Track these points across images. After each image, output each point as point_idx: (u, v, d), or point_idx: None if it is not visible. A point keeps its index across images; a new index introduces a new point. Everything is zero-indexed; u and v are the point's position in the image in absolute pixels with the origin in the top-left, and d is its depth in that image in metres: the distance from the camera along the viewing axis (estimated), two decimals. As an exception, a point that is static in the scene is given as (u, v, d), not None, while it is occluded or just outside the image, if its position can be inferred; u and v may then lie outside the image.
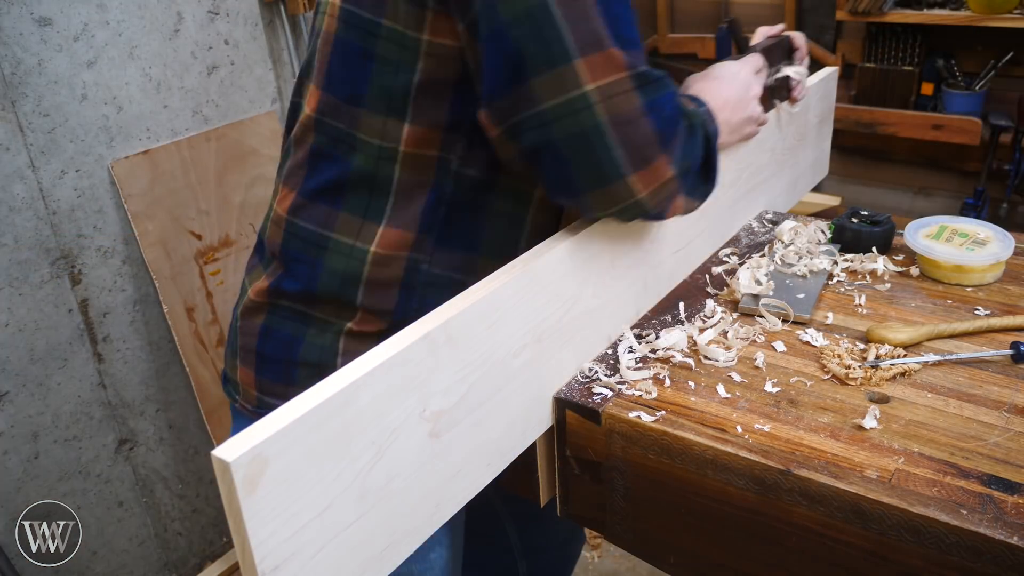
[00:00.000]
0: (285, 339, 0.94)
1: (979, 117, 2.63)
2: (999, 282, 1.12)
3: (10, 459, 1.71)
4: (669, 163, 0.81)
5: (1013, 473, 0.76)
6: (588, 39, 0.77)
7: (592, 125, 0.77)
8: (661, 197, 0.84)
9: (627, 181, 0.80)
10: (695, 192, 0.91)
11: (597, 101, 0.77)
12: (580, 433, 0.93)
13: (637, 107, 0.78)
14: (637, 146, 0.78)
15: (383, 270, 0.90)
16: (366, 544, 0.72)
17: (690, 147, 0.85)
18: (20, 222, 1.64)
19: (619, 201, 0.82)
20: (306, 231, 0.92)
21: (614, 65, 0.77)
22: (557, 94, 0.77)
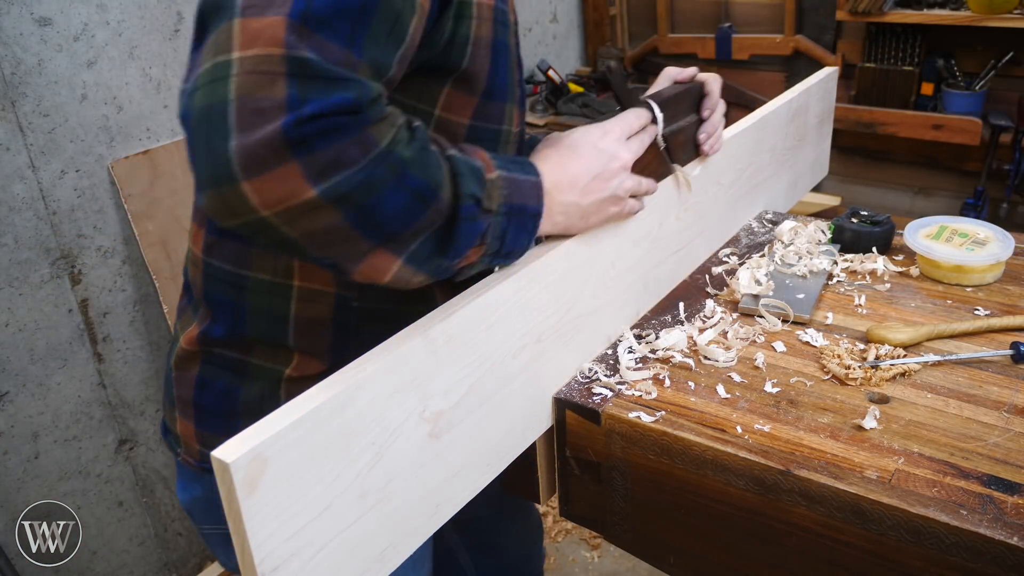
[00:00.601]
0: (222, 390, 0.87)
1: (979, 117, 2.63)
2: (999, 282, 1.12)
3: (10, 459, 1.71)
4: (304, 179, 0.60)
5: (1013, 473, 0.76)
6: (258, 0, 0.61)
7: (219, 100, 0.59)
8: (303, 227, 0.62)
9: (239, 188, 0.60)
10: (422, 261, 0.70)
11: (236, 73, 0.59)
12: (580, 433, 0.93)
13: (276, 97, 0.59)
14: (254, 143, 0.59)
15: (310, 307, 0.83)
16: (366, 544, 0.72)
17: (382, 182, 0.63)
18: (20, 222, 1.64)
19: (236, 212, 0.61)
20: (223, 272, 0.85)
21: (268, 36, 0.60)
22: (211, 56, 0.61)
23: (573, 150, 0.87)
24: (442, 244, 0.70)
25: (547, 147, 0.88)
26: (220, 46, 0.61)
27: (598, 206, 0.87)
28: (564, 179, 0.83)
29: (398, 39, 0.67)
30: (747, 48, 3.13)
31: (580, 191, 0.85)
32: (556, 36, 3.32)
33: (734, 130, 1.21)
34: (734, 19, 3.17)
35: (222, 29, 0.61)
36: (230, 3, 0.62)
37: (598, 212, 0.88)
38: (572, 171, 0.84)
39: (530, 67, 3.22)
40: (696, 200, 1.13)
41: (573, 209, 0.85)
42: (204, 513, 0.94)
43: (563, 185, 0.83)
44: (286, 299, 0.82)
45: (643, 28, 3.36)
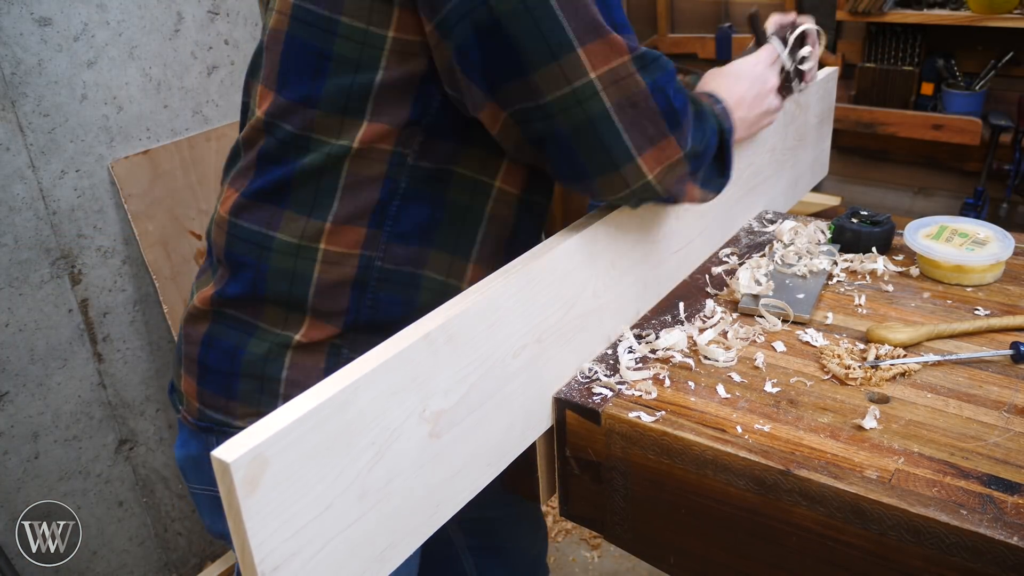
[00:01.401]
0: (227, 349, 0.90)
1: (979, 117, 2.63)
2: (999, 282, 1.12)
3: (10, 459, 1.71)
4: (676, 142, 0.81)
5: (1013, 473, 0.76)
6: (587, 27, 0.76)
7: (599, 112, 0.77)
8: (670, 179, 0.83)
9: (636, 163, 0.80)
10: (709, 183, 0.92)
11: (602, 88, 0.77)
12: (580, 433, 0.93)
13: (642, 89, 0.78)
14: (644, 127, 0.79)
15: (334, 269, 0.87)
16: (366, 544, 0.72)
17: (700, 132, 0.86)
18: (20, 222, 1.64)
19: (628, 184, 0.82)
20: (248, 232, 0.89)
21: (615, 50, 0.77)
22: (562, 85, 0.77)
23: (737, 77, 1.05)
24: (721, 167, 0.93)
25: (715, 77, 1.05)
26: (569, 74, 0.76)
27: (757, 118, 1.07)
28: (734, 99, 1.01)
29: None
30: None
31: (747, 107, 1.04)
32: (556, 36, 3.31)
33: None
34: (734, 19, 3.17)
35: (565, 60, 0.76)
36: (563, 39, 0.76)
37: (757, 123, 1.09)
38: (739, 92, 1.03)
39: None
40: (696, 200, 1.13)
41: (742, 123, 1.02)
42: (195, 471, 0.96)
43: (733, 104, 1.00)
44: (311, 261, 0.86)
45: (643, 28, 3.36)
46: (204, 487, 0.96)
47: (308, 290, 0.87)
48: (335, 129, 0.84)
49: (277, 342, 0.88)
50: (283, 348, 0.88)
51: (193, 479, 0.98)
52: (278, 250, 0.87)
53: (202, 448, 0.94)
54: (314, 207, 0.86)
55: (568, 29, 0.76)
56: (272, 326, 0.88)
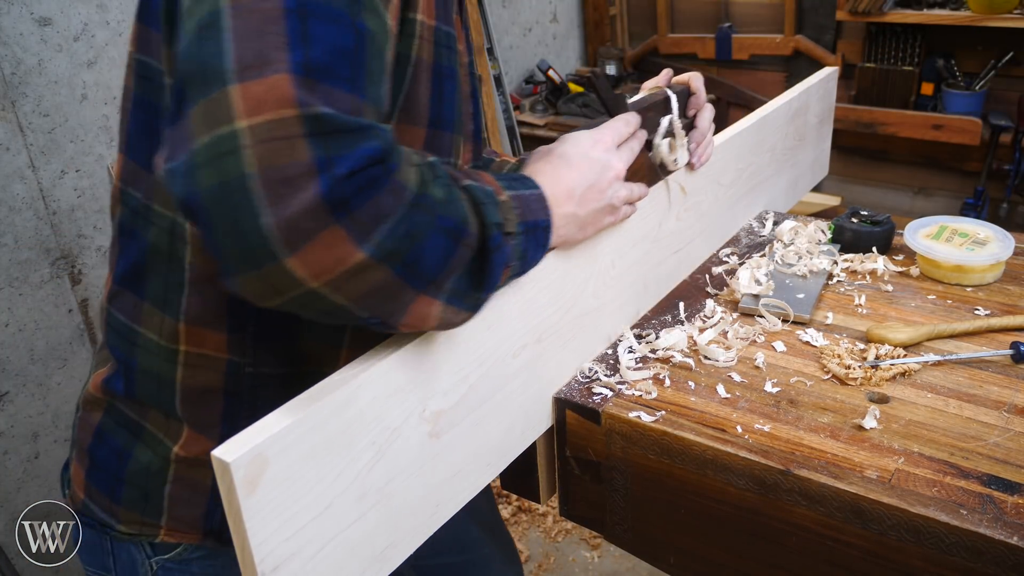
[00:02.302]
0: (115, 448, 0.82)
1: (979, 117, 2.64)
2: (999, 282, 1.12)
3: (10, 459, 1.71)
4: (351, 242, 0.56)
5: (1013, 473, 0.76)
6: (251, 59, 0.55)
7: (235, 176, 0.54)
8: (353, 290, 0.59)
9: (283, 265, 0.55)
10: (459, 298, 0.67)
11: (247, 144, 0.54)
12: (580, 433, 0.93)
13: (301, 162, 0.54)
14: (292, 215, 0.54)
15: (198, 373, 0.77)
16: (366, 544, 0.72)
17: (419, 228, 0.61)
18: (20, 222, 1.64)
19: (280, 290, 0.57)
20: (119, 323, 0.80)
21: (275, 98, 0.54)
22: (206, 129, 0.55)
23: (566, 161, 0.84)
24: (477, 277, 0.68)
25: (538, 160, 0.86)
26: (216, 116, 0.54)
27: (594, 216, 0.86)
28: (561, 191, 0.82)
29: (384, 72, 0.64)
30: (747, 48, 3.14)
31: (577, 202, 0.83)
32: (556, 36, 3.32)
33: (734, 130, 1.21)
34: (734, 19, 3.17)
35: (215, 98, 0.55)
36: (217, 69, 0.55)
37: (595, 222, 0.87)
38: (567, 183, 0.83)
39: (530, 67, 3.22)
40: (696, 200, 1.13)
41: (572, 220, 0.83)
42: (90, 555, 0.90)
43: (560, 197, 0.82)
44: (172, 363, 0.77)
45: (643, 28, 3.36)
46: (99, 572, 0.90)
47: (175, 396, 0.78)
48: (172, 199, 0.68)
49: (160, 453, 0.79)
50: (165, 460, 0.79)
51: (88, 561, 0.91)
52: (144, 347, 0.78)
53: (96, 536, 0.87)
54: (166, 302, 0.76)
55: (228, 57, 0.55)
56: (156, 430, 0.80)
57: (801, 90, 1.41)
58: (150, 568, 0.85)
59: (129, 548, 0.85)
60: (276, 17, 0.56)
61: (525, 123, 3.05)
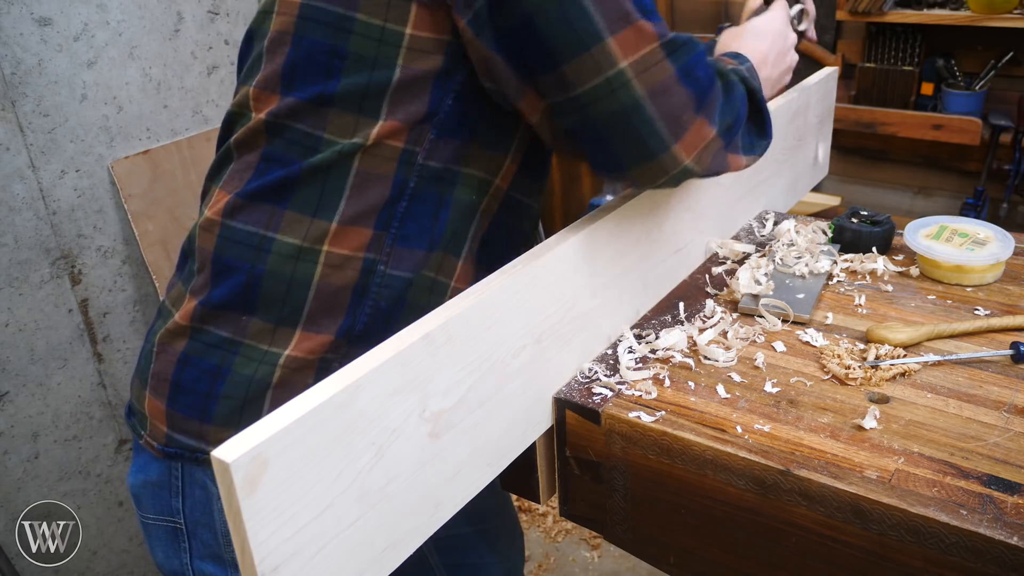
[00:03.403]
0: (208, 368, 0.85)
1: (979, 117, 2.63)
2: (999, 282, 1.12)
3: (10, 459, 1.71)
4: (708, 124, 0.82)
5: (1013, 473, 0.76)
6: (615, 15, 0.76)
7: (630, 102, 0.77)
8: (707, 159, 0.84)
9: (671, 152, 0.80)
10: (751, 147, 0.93)
11: (632, 77, 0.77)
12: (580, 433, 0.93)
13: (671, 75, 0.78)
14: (675, 114, 0.79)
15: (337, 273, 0.84)
16: (366, 544, 0.72)
17: (730, 105, 0.86)
18: (20, 222, 1.64)
19: (667, 171, 0.82)
20: (244, 233, 0.85)
21: (644, 37, 0.77)
22: (593, 76, 0.77)
23: (758, 35, 1.08)
24: (759, 127, 0.95)
25: (736, 38, 1.08)
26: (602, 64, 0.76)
27: (781, 75, 1.10)
28: (758, 58, 1.03)
29: None
30: (747, 48, 3.13)
31: (771, 65, 1.07)
32: (556, 36, 3.32)
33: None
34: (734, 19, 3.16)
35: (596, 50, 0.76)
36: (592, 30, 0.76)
37: (779, 81, 1.10)
38: (762, 51, 1.05)
39: (530, 67, 3.22)
40: (696, 200, 1.13)
41: (767, 82, 1.04)
42: (153, 499, 0.91)
43: (758, 63, 1.02)
44: (312, 263, 0.84)
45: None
46: (162, 517, 0.91)
47: (307, 296, 0.84)
48: (349, 128, 0.83)
49: (265, 360, 0.84)
50: (271, 367, 0.84)
51: (149, 508, 0.92)
52: (277, 252, 0.84)
53: (164, 475, 0.89)
54: (319, 207, 0.84)
55: (597, 19, 0.75)
56: (259, 342, 0.85)
57: (801, 90, 1.41)
58: None
59: (205, 481, 0.86)
60: None
61: (525, 123, 3.04)
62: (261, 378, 0.84)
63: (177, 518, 0.89)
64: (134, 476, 0.94)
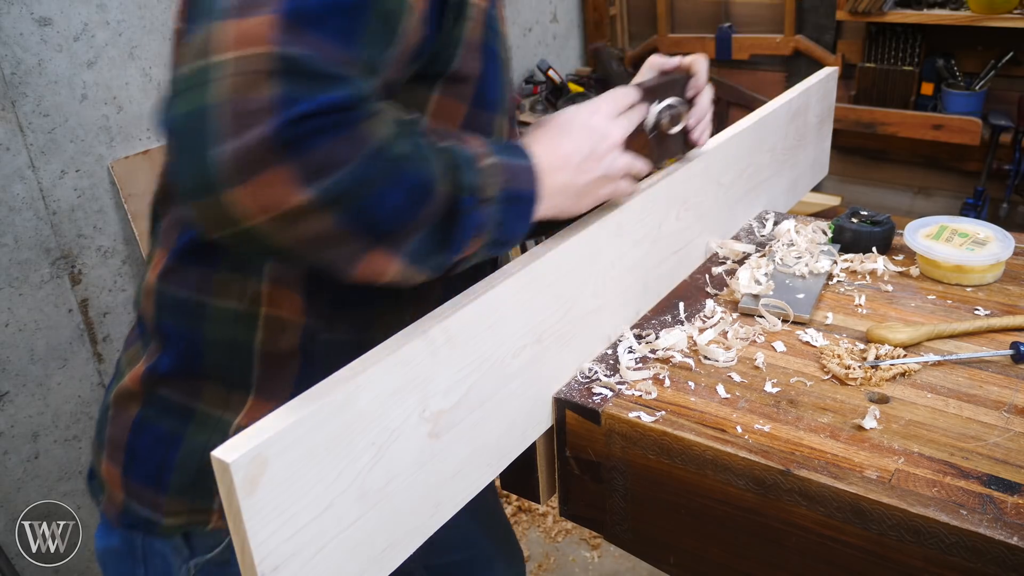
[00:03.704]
0: (161, 436, 0.81)
1: (979, 117, 2.63)
2: (999, 282, 1.12)
3: (10, 459, 1.71)
4: (295, 183, 0.56)
5: (1013, 473, 0.76)
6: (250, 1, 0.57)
7: (208, 104, 0.55)
8: (296, 233, 0.58)
9: (226, 195, 0.55)
10: (422, 258, 0.66)
11: (219, 77, 0.55)
12: (580, 433, 0.93)
13: (265, 97, 0.55)
14: (242, 148, 0.54)
15: (278, 337, 0.78)
16: (366, 544, 0.72)
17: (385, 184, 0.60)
18: (20, 222, 1.64)
19: (225, 222, 0.57)
20: (178, 299, 0.80)
21: (256, 35, 0.56)
22: (187, 61, 0.57)
23: (563, 130, 0.84)
24: (442, 239, 0.67)
25: (536, 128, 0.85)
26: (201, 50, 0.56)
27: (591, 185, 0.85)
28: (556, 160, 0.81)
29: (390, 37, 0.64)
30: (747, 48, 3.13)
31: (573, 171, 0.82)
32: (556, 36, 3.32)
33: (734, 130, 1.21)
34: (734, 19, 3.17)
35: (201, 33, 0.57)
36: (209, 6, 0.58)
37: (591, 192, 0.85)
38: (564, 151, 0.82)
39: (530, 67, 3.22)
40: (696, 200, 1.13)
41: (567, 190, 0.82)
42: (116, 568, 0.88)
43: (556, 166, 0.80)
44: (251, 328, 0.78)
45: (643, 28, 3.36)
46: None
47: (251, 361, 0.78)
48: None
49: (219, 429, 0.79)
50: (224, 436, 0.77)
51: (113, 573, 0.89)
52: (215, 318, 0.78)
53: (126, 544, 0.85)
54: (246, 267, 0.77)
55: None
56: (213, 408, 0.79)
57: (801, 90, 1.41)
58: (189, 572, 0.83)
59: (165, 551, 0.83)
60: None
61: (525, 123, 3.05)
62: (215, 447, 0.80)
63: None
64: (99, 541, 0.90)
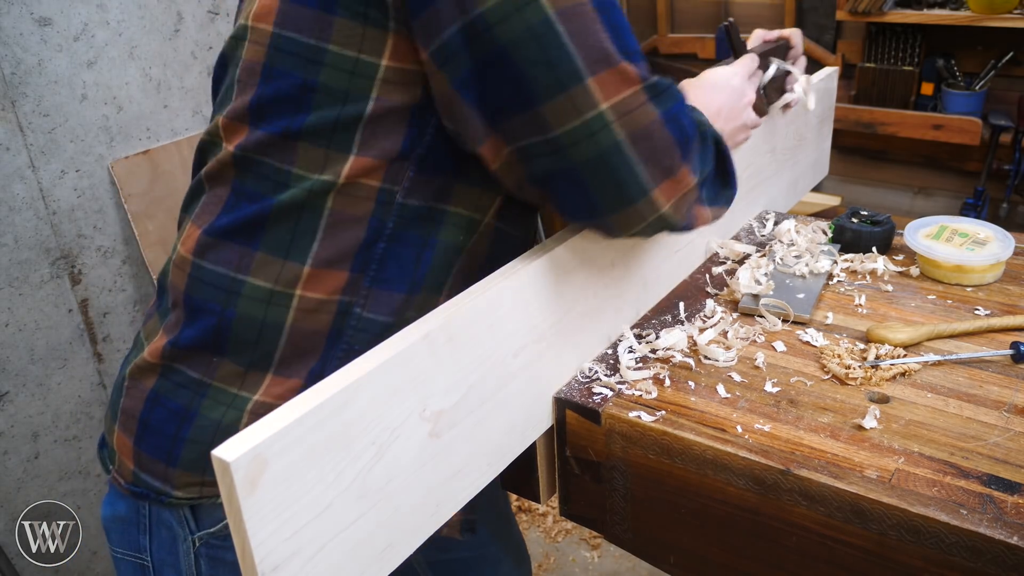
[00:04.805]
0: (175, 410, 0.82)
1: (979, 117, 2.64)
2: (999, 282, 1.12)
3: (10, 459, 1.71)
4: (690, 172, 0.79)
5: (1013, 473, 0.76)
6: (596, 56, 0.72)
7: (611, 145, 0.73)
8: (684, 208, 0.81)
9: (651, 196, 0.76)
10: (718, 199, 0.89)
11: (613, 120, 0.73)
12: (580, 433, 0.93)
13: (654, 119, 0.74)
14: (659, 159, 0.75)
15: (311, 317, 0.80)
16: (366, 544, 0.72)
17: (706, 154, 0.83)
18: (20, 222, 1.64)
19: (643, 218, 0.78)
20: (214, 275, 0.81)
21: (626, 80, 0.73)
22: (571, 118, 0.72)
23: (715, 88, 1.03)
24: (724, 179, 0.89)
25: (692, 88, 1.02)
26: (580, 105, 0.72)
27: (734, 132, 1.05)
28: (711, 111, 0.98)
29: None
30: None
31: (724, 120, 1.01)
32: (556, 36, 3.32)
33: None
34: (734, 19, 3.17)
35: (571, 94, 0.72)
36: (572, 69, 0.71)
37: (733, 137, 1.05)
38: (717, 104, 1.01)
39: (530, 67, 3.22)
40: (696, 200, 1.13)
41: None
42: (121, 535, 0.90)
43: (713, 116, 0.97)
44: (285, 308, 0.80)
45: (643, 28, 3.36)
46: (130, 553, 0.89)
47: (279, 340, 0.80)
48: (319, 163, 0.79)
49: (234, 405, 0.81)
50: (239, 412, 0.81)
51: (117, 542, 0.91)
52: (248, 295, 0.80)
53: (132, 512, 0.87)
54: (291, 248, 0.80)
55: (577, 58, 0.71)
56: (229, 386, 0.81)
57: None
58: (192, 544, 0.84)
59: (171, 522, 0.84)
60: (592, 17, 0.72)
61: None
62: (229, 424, 0.81)
63: (144, 555, 0.88)
64: (105, 508, 0.92)
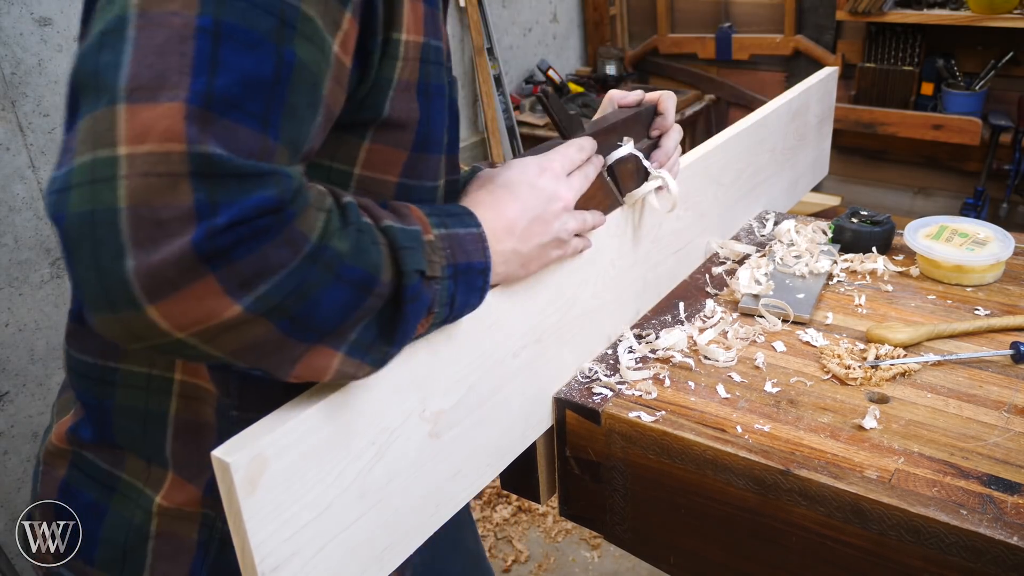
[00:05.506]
0: (87, 505, 0.75)
1: (979, 117, 2.64)
2: (999, 282, 1.12)
3: (10, 459, 1.71)
4: (225, 296, 0.49)
5: (1013, 473, 0.76)
6: (147, 78, 0.49)
7: (105, 207, 0.47)
8: (229, 344, 0.52)
9: (144, 314, 0.49)
10: (364, 350, 0.60)
11: (125, 175, 0.47)
12: (580, 433, 0.93)
13: (179, 205, 0.47)
14: (158, 262, 0.47)
15: (193, 405, 0.71)
16: (366, 544, 0.72)
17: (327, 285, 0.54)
18: (20, 222, 1.64)
19: (142, 337, 0.50)
20: (85, 365, 0.73)
21: (166, 128, 0.48)
22: (88, 148, 0.49)
23: (509, 191, 0.76)
24: (386, 328, 0.61)
25: (479, 188, 0.77)
26: (100, 136, 0.48)
27: (539, 251, 0.78)
28: (500, 225, 0.73)
29: (314, 107, 0.56)
30: (747, 48, 3.14)
31: (519, 237, 0.75)
32: (556, 36, 3.32)
33: (734, 130, 1.21)
34: (734, 19, 3.17)
35: (102, 115, 0.49)
36: (110, 82, 0.49)
37: (539, 258, 0.79)
38: (509, 215, 0.74)
39: (530, 67, 3.22)
40: (696, 200, 1.13)
41: (513, 257, 0.75)
42: None
43: (500, 232, 0.73)
44: (165, 395, 0.70)
45: (643, 28, 3.36)
46: None
47: (166, 432, 0.71)
48: None
49: (140, 505, 0.72)
50: (147, 514, 0.72)
51: None
52: (125, 384, 0.71)
53: None
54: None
55: (122, 71, 0.49)
56: (135, 479, 0.73)
57: (801, 90, 1.41)
58: None
59: None
60: (185, 36, 0.50)
61: (525, 123, 3.05)
62: (139, 525, 0.73)
63: None
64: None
